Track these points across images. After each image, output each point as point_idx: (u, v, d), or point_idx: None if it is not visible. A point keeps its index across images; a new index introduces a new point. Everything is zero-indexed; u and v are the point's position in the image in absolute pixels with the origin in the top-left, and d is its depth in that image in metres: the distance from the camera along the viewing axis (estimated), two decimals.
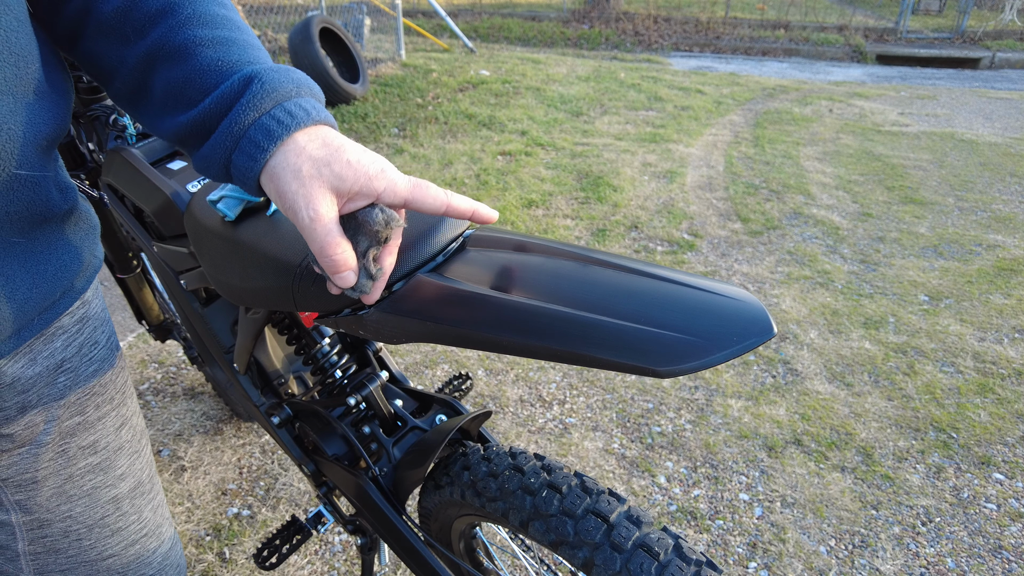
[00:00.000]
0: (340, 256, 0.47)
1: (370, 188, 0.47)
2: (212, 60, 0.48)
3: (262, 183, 0.48)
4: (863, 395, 1.91)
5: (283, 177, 0.46)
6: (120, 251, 1.46)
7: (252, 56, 0.50)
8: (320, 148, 0.46)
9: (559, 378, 1.97)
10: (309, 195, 0.45)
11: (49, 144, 0.48)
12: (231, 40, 0.49)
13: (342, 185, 0.46)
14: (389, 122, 4.35)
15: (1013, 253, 2.79)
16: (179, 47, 0.48)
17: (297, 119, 0.46)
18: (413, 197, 0.48)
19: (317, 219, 0.45)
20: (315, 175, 0.45)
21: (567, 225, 2.98)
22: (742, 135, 4.40)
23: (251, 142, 0.46)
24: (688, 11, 9.22)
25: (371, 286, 0.50)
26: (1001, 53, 7.14)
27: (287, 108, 0.47)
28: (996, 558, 1.42)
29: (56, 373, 0.55)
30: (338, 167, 0.46)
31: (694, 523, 1.50)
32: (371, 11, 6.30)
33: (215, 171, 0.49)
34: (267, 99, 0.46)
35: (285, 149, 0.46)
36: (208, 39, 0.48)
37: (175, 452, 1.67)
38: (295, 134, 0.46)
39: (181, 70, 0.48)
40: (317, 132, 0.47)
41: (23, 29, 0.43)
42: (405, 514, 0.86)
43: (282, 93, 0.47)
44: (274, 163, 0.46)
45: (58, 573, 0.61)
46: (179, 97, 0.48)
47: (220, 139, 0.47)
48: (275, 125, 0.46)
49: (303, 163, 0.45)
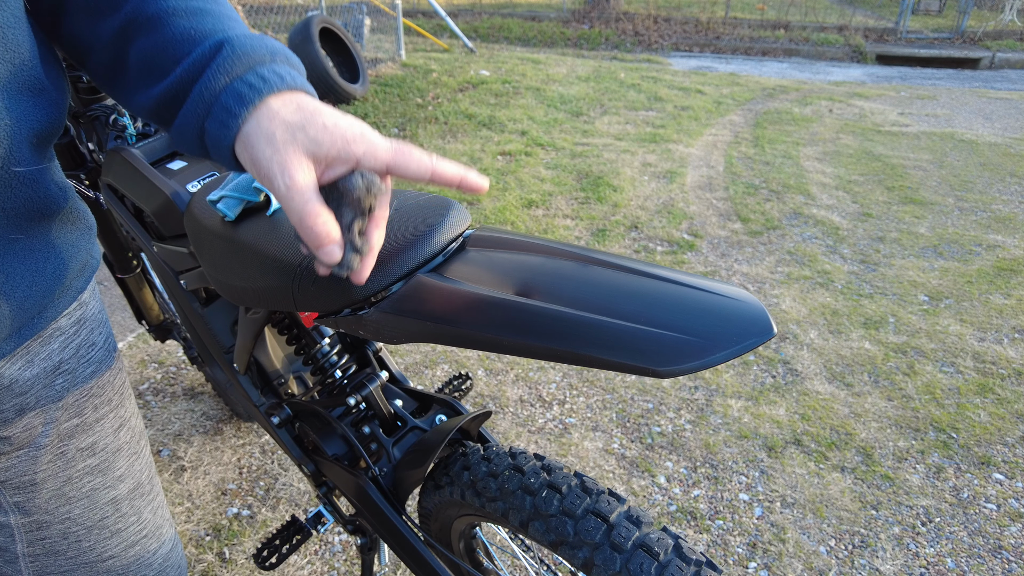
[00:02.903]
0: (321, 227, 0.44)
1: (348, 152, 0.45)
2: (184, 29, 0.47)
3: (236, 152, 0.46)
4: (863, 395, 1.91)
5: (256, 144, 0.44)
6: (120, 251, 1.46)
7: (226, 24, 0.48)
8: (294, 112, 0.45)
9: (559, 378, 1.97)
10: (284, 161, 0.43)
11: (45, 141, 0.47)
12: (204, 10, 0.48)
13: (318, 150, 0.44)
14: (389, 122, 4.35)
15: (1013, 253, 2.79)
16: (151, 17, 0.47)
17: (270, 83, 0.45)
18: (396, 162, 0.46)
19: (293, 186, 0.43)
20: (289, 140, 0.44)
21: (567, 225, 2.97)
22: (742, 135, 4.40)
23: (223, 108, 0.45)
24: (688, 11, 9.22)
25: (358, 260, 0.48)
26: (1001, 53, 7.15)
27: (260, 73, 0.45)
28: (996, 558, 1.42)
29: (54, 375, 0.55)
30: (313, 131, 0.44)
31: (694, 523, 1.49)
32: (371, 11, 6.30)
33: (190, 143, 0.48)
34: (238, 64, 0.45)
35: (258, 114, 0.44)
36: (181, 8, 0.47)
37: (175, 452, 1.67)
38: (268, 99, 0.45)
39: (153, 40, 0.47)
40: (292, 97, 0.46)
41: (19, 25, 0.43)
42: (405, 514, 0.86)
43: (254, 58, 0.46)
44: (247, 129, 0.45)
45: (58, 575, 0.61)
46: (152, 68, 0.47)
47: (192, 107, 0.46)
48: (247, 90, 0.44)
49: (276, 128, 0.44)
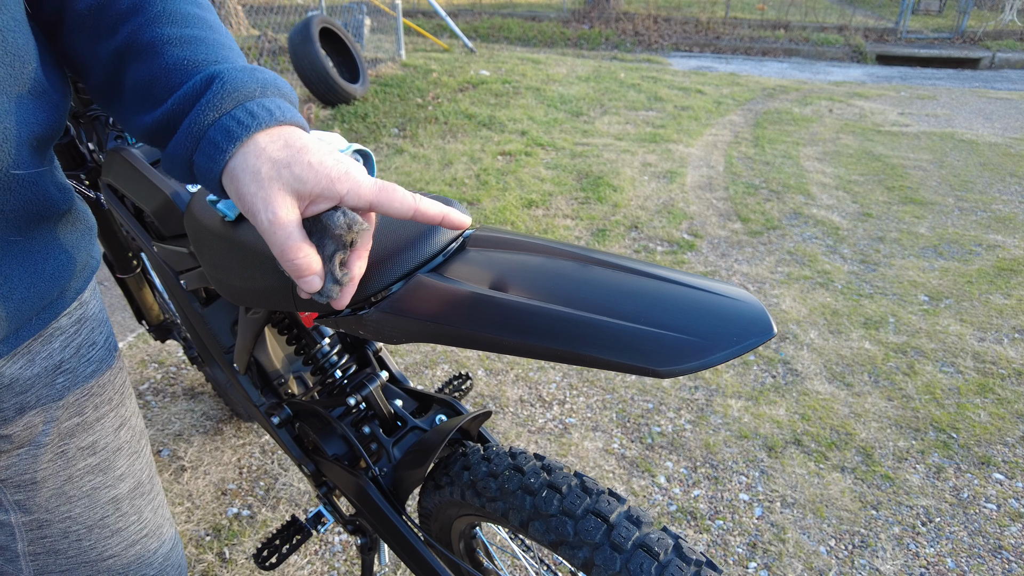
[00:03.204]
0: (302, 260, 0.46)
1: (332, 191, 0.45)
2: (178, 59, 0.47)
3: (223, 184, 0.47)
4: (863, 395, 1.91)
5: (242, 179, 0.45)
6: (120, 251, 1.46)
7: (220, 55, 0.49)
8: (281, 149, 0.45)
9: (559, 378, 1.97)
10: (268, 197, 0.44)
11: (45, 143, 0.47)
12: (199, 39, 0.49)
13: (302, 188, 0.45)
14: (389, 122, 4.35)
15: (1013, 253, 2.79)
16: (147, 45, 0.47)
17: (259, 119, 0.45)
18: (379, 200, 0.47)
19: (275, 222, 0.44)
20: (274, 177, 0.44)
21: (567, 225, 2.97)
22: (742, 135, 4.40)
23: (211, 143, 0.45)
24: (688, 11, 9.22)
25: (338, 291, 0.49)
26: (1001, 53, 7.15)
27: (248, 108, 0.46)
28: (996, 558, 1.42)
29: (54, 374, 0.55)
30: (298, 169, 0.45)
31: (694, 523, 1.49)
32: (371, 11, 6.30)
33: (180, 172, 0.48)
34: (228, 99, 0.45)
35: (245, 150, 0.45)
36: (176, 37, 0.48)
37: (175, 452, 1.67)
38: (256, 135, 0.45)
39: (148, 68, 0.47)
40: (280, 133, 0.46)
41: (20, 29, 0.43)
42: (405, 514, 0.86)
43: (244, 93, 0.46)
44: (234, 164, 0.45)
45: (58, 574, 0.61)
46: (147, 95, 0.48)
47: (182, 139, 0.46)
48: (235, 126, 0.45)
49: (262, 165, 0.45)
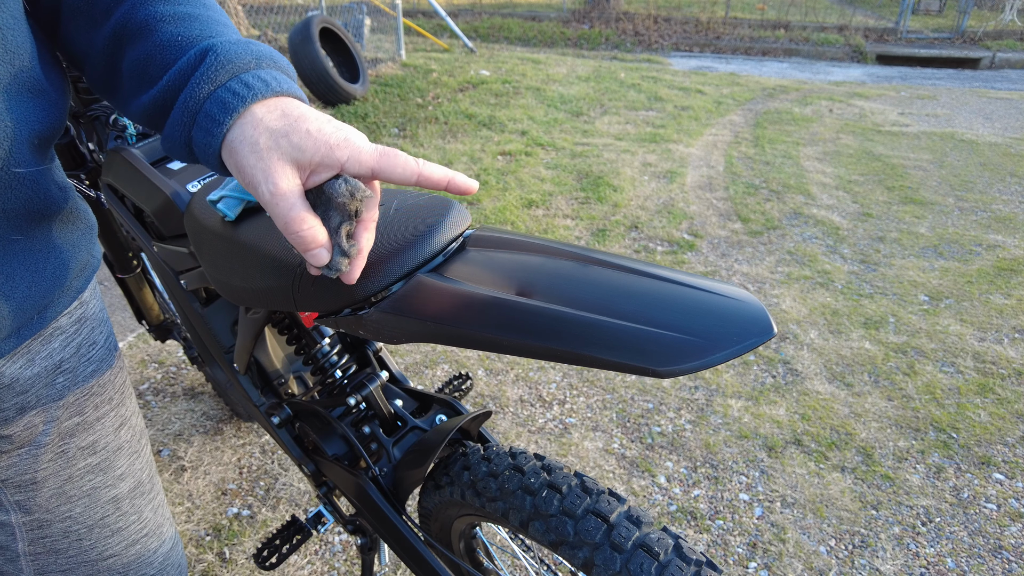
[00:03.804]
0: (307, 232, 0.45)
1: (332, 158, 0.45)
2: (172, 35, 0.47)
3: (223, 159, 0.46)
4: (863, 395, 1.91)
5: (241, 151, 0.44)
6: (120, 251, 1.46)
7: (213, 30, 0.48)
8: (278, 119, 0.45)
9: (559, 378, 1.97)
10: (267, 168, 0.44)
11: (45, 142, 0.47)
12: (192, 15, 0.49)
13: (302, 156, 0.44)
14: (389, 122, 4.35)
15: (1013, 253, 2.79)
16: (140, 24, 0.47)
17: (254, 90, 0.45)
18: (380, 166, 0.46)
19: (277, 193, 0.44)
20: (273, 147, 0.44)
21: (567, 225, 2.97)
22: (742, 135, 4.40)
23: (207, 116, 0.45)
24: (688, 11, 9.22)
25: (347, 264, 0.48)
26: (1001, 53, 7.15)
27: (244, 80, 0.45)
28: (996, 558, 1.42)
29: (54, 374, 0.55)
30: (296, 138, 0.44)
31: (694, 523, 1.50)
32: (371, 11, 6.30)
33: (179, 150, 0.48)
34: (222, 71, 0.45)
35: (242, 122, 0.45)
36: (169, 15, 0.48)
37: (175, 452, 1.67)
38: (252, 106, 0.45)
39: (143, 47, 0.47)
40: (277, 103, 0.46)
41: (19, 26, 0.43)
42: (405, 514, 0.86)
43: (239, 65, 0.46)
44: (232, 137, 0.45)
45: (58, 573, 0.61)
46: (143, 75, 0.47)
47: (178, 115, 0.46)
48: (231, 97, 0.44)
49: (260, 135, 0.44)
